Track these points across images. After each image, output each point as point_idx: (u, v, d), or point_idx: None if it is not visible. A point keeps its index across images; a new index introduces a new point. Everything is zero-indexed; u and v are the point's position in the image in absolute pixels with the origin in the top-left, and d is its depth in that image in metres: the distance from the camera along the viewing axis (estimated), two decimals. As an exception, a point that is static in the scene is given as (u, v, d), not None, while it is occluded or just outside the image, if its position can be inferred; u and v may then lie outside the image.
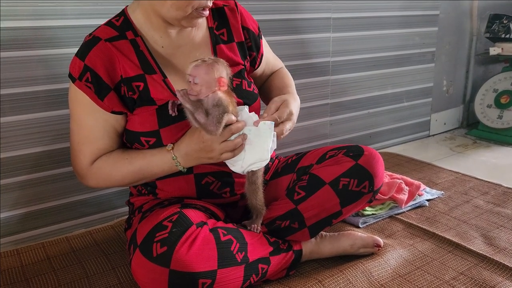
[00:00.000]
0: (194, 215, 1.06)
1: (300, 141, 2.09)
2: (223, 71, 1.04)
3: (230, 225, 1.11)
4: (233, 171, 1.19)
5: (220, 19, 1.24)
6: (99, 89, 1.07)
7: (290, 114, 1.13)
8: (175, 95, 1.08)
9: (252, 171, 1.12)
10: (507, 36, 2.52)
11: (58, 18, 1.39)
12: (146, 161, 1.12)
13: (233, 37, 1.24)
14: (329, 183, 1.17)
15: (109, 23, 1.13)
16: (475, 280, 1.20)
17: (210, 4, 1.08)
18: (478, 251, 1.32)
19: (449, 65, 2.67)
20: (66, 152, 1.48)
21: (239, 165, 1.11)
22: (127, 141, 1.17)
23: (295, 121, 1.17)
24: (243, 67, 1.25)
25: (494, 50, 2.53)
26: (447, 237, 1.40)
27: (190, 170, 1.17)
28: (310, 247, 1.25)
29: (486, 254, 1.30)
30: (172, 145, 1.10)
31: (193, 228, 1.01)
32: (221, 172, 1.19)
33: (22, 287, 1.22)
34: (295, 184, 1.22)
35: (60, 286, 1.22)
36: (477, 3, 2.63)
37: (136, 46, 1.11)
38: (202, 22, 1.21)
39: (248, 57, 1.28)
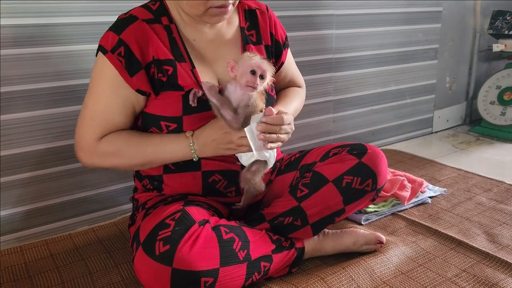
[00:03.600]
0: (197, 213, 1.06)
1: (303, 138, 2.09)
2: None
3: (232, 223, 1.11)
4: (239, 170, 1.19)
5: (251, 20, 1.26)
6: (130, 65, 1.07)
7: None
8: (200, 86, 1.10)
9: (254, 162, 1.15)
10: (511, 32, 2.51)
11: (63, 15, 1.39)
12: (162, 143, 1.11)
13: (261, 39, 1.26)
14: (333, 180, 1.17)
15: (145, 6, 1.13)
16: (477, 277, 1.20)
17: (228, 2, 1.06)
18: (481, 248, 1.32)
19: (452, 61, 2.66)
20: (69, 149, 1.49)
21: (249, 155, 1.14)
22: (142, 125, 1.16)
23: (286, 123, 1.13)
24: None
25: (497, 47, 2.52)
26: (450, 234, 1.40)
27: (198, 166, 1.17)
28: (312, 244, 1.25)
29: (489, 251, 1.30)
30: (192, 131, 1.11)
31: (195, 227, 1.01)
32: (229, 171, 1.19)
33: (25, 284, 1.22)
34: (298, 182, 1.22)
35: (63, 283, 1.22)
36: (480, 0, 2.62)
37: (170, 32, 1.12)
38: (235, 21, 1.23)
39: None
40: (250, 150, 1.08)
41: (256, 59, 1.06)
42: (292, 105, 1.32)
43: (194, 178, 1.18)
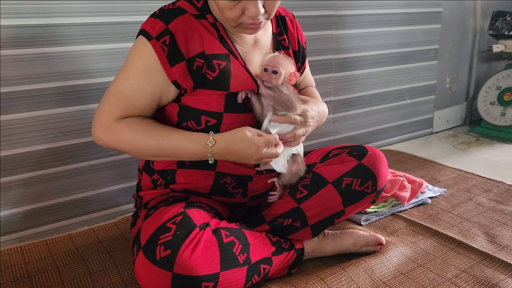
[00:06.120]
0: (198, 216, 1.05)
1: (303, 138, 2.09)
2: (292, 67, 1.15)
3: (233, 225, 1.11)
4: (252, 175, 1.21)
5: (282, 26, 1.28)
6: (173, 55, 1.05)
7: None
8: (255, 81, 1.13)
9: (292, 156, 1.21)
10: (511, 33, 2.51)
11: (64, 16, 1.40)
12: (181, 142, 1.08)
13: (290, 45, 1.28)
14: (332, 182, 1.17)
15: (189, 1, 1.12)
16: (477, 277, 1.20)
17: (258, 20, 1.06)
18: (481, 249, 1.32)
19: (452, 62, 2.66)
20: (69, 150, 1.49)
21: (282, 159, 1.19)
22: (179, 118, 1.13)
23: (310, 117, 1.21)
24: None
25: (497, 47, 2.52)
26: (450, 234, 1.40)
27: (213, 166, 1.17)
28: (312, 245, 1.25)
29: (489, 252, 1.30)
30: (214, 141, 1.07)
31: (196, 231, 1.01)
32: (242, 176, 1.20)
33: (25, 284, 1.22)
34: (298, 183, 1.22)
35: (63, 283, 1.23)
36: (480, 0, 2.62)
37: (217, 30, 1.11)
38: (269, 27, 1.25)
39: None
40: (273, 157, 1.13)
41: (267, 57, 1.13)
42: (323, 103, 1.37)
43: (207, 176, 1.18)
